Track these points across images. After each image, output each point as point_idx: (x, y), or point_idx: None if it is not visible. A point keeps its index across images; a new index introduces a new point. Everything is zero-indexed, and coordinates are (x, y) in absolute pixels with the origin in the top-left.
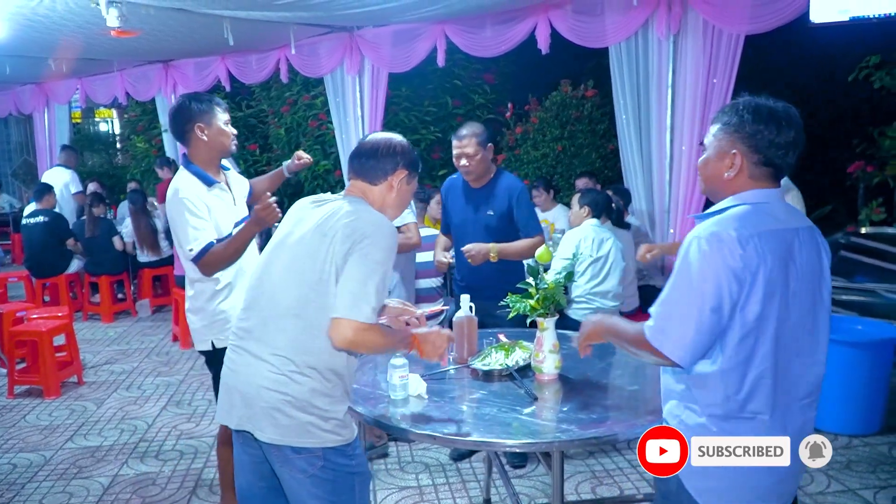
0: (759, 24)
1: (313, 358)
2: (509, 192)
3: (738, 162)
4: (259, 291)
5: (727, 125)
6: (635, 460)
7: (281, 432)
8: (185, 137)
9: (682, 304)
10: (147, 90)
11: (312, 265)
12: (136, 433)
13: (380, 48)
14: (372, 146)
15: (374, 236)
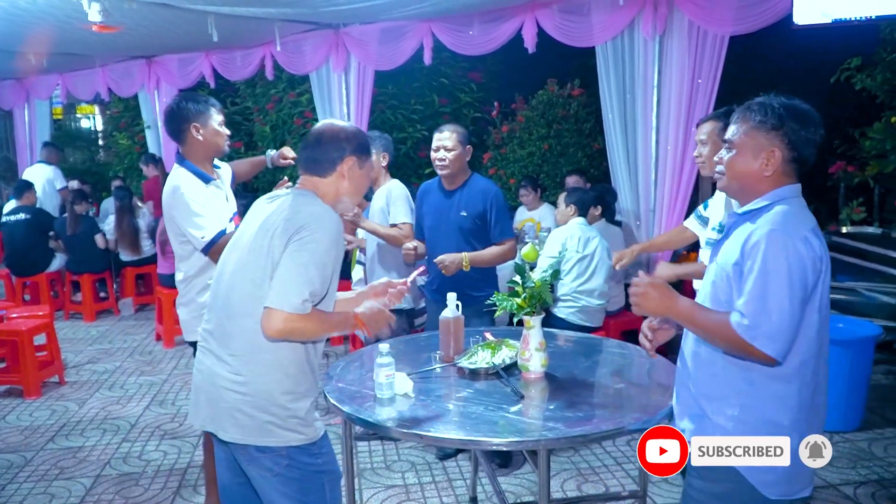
0: (744, 26)
1: (270, 355)
2: (484, 194)
3: (777, 159)
4: (216, 292)
5: (763, 124)
6: (621, 457)
7: (243, 432)
8: (180, 137)
9: (774, 298)
10: (130, 86)
11: (257, 262)
12: (119, 433)
13: (366, 46)
14: (316, 137)
15: (310, 227)
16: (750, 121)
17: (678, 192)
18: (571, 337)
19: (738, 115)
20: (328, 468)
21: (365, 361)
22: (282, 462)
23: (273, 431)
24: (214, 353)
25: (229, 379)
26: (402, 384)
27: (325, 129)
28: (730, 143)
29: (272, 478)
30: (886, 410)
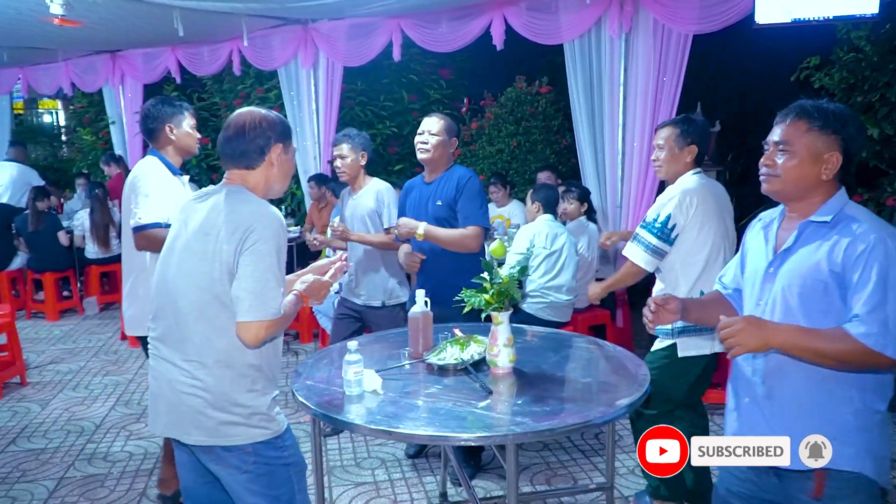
0: (707, 25)
1: (224, 356)
2: (458, 180)
3: (835, 164)
4: (161, 300)
5: (824, 128)
6: (589, 451)
7: (207, 434)
8: (154, 136)
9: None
10: (94, 81)
11: (201, 267)
12: (84, 434)
13: (335, 42)
14: (237, 128)
15: (258, 229)
16: (809, 124)
17: (644, 187)
18: (539, 332)
19: (791, 118)
20: (294, 460)
21: (334, 359)
22: (249, 459)
23: (237, 430)
24: (168, 359)
25: (187, 384)
26: (371, 381)
27: (246, 118)
28: (785, 144)
29: (240, 475)
30: None
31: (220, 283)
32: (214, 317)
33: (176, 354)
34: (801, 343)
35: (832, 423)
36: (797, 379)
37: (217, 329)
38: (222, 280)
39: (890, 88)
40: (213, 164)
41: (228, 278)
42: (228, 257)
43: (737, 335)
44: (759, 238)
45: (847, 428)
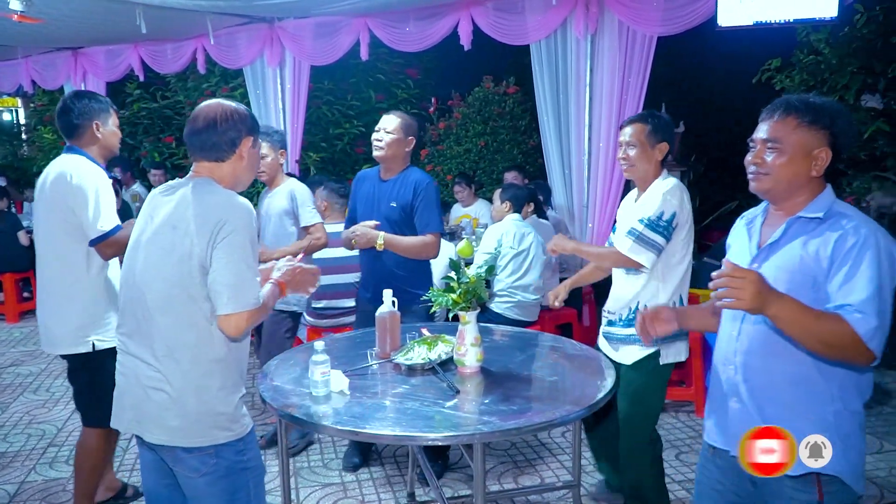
0: (671, 27)
1: (190, 352)
2: (416, 185)
3: (825, 160)
4: (127, 295)
5: (814, 123)
6: (556, 449)
7: (169, 434)
8: (79, 133)
9: (886, 299)
10: (55, 78)
11: (170, 260)
12: (45, 438)
13: (301, 40)
14: (208, 120)
15: (230, 220)
16: (798, 120)
17: (610, 187)
18: (507, 331)
19: (779, 114)
20: (253, 464)
21: (300, 360)
22: (209, 461)
23: (200, 431)
24: (135, 355)
25: (154, 379)
26: (338, 381)
27: (216, 110)
28: (774, 142)
29: (199, 478)
30: None
31: (190, 276)
32: (182, 311)
33: (143, 349)
34: (797, 315)
35: (814, 423)
36: (779, 375)
37: (184, 324)
38: (192, 274)
39: (848, 91)
40: (177, 164)
41: (200, 272)
42: (201, 251)
43: (743, 288)
44: (742, 235)
45: (827, 428)
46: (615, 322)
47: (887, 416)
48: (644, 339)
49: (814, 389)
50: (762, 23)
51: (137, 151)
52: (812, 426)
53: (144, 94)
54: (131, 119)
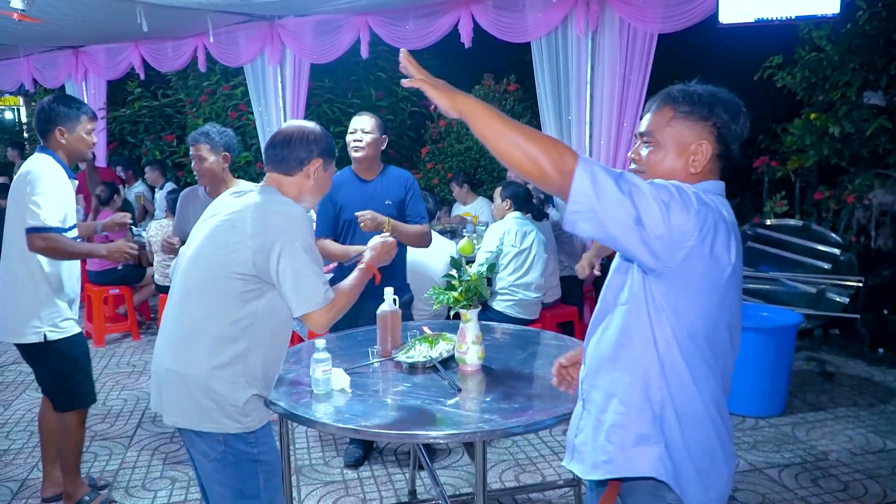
0: (671, 24)
1: (210, 342)
2: (404, 182)
3: (705, 154)
4: (175, 281)
5: (689, 114)
6: (557, 447)
7: (181, 415)
8: (45, 136)
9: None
10: (56, 77)
11: (218, 252)
12: None
13: (301, 38)
14: (285, 136)
15: (288, 230)
16: (674, 109)
17: None
18: (508, 329)
19: (656, 104)
20: (265, 458)
21: (302, 357)
22: (218, 448)
23: (211, 417)
24: (165, 337)
25: (171, 361)
26: (339, 379)
27: (295, 129)
28: (649, 136)
29: (207, 463)
30: (808, 395)
31: (231, 272)
32: (213, 302)
33: (170, 334)
34: (489, 109)
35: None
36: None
37: (212, 314)
38: (234, 271)
39: (850, 87)
40: (178, 162)
41: (241, 271)
42: (251, 253)
43: (429, 82)
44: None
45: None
46: None
47: (890, 415)
48: (570, 390)
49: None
50: (763, 19)
51: (138, 150)
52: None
53: (145, 92)
54: (132, 117)
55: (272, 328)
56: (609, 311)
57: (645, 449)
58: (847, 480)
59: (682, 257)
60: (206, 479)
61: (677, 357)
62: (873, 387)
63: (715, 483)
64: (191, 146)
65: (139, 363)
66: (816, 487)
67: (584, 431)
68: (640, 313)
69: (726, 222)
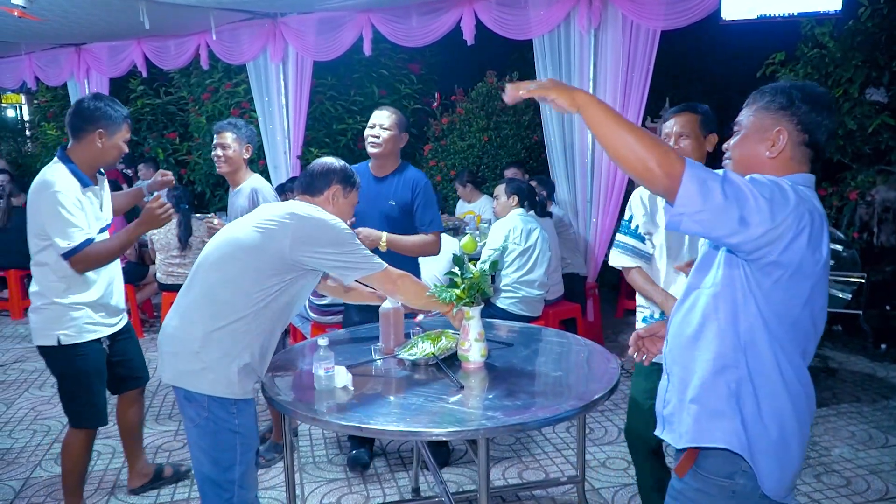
0: (674, 21)
1: (216, 307)
2: (414, 184)
3: (784, 141)
4: (203, 252)
5: (770, 104)
6: (560, 444)
7: (174, 373)
8: (78, 136)
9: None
10: (58, 75)
11: (255, 242)
12: (50, 434)
13: (304, 36)
14: (311, 169)
15: (323, 225)
16: (759, 101)
17: (614, 182)
18: (511, 327)
19: (749, 100)
20: (244, 431)
21: (305, 355)
22: (202, 413)
23: (200, 376)
24: (175, 303)
25: (174, 325)
26: (342, 377)
27: (321, 162)
28: (738, 124)
29: (193, 428)
30: None
31: (260, 258)
32: (231, 273)
33: (182, 299)
34: (605, 107)
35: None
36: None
37: (227, 283)
38: (263, 250)
39: (852, 84)
40: (181, 160)
41: (271, 261)
42: (287, 241)
43: (549, 86)
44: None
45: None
46: None
47: (892, 411)
48: (645, 361)
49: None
50: (766, 16)
51: (141, 147)
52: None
53: (148, 90)
54: (134, 115)
55: (278, 308)
56: (695, 291)
57: (720, 423)
58: (850, 476)
59: (781, 249)
60: (191, 443)
61: (761, 338)
62: (876, 383)
63: (790, 461)
64: (216, 134)
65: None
66: (819, 483)
67: (670, 403)
68: (727, 297)
69: (821, 215)
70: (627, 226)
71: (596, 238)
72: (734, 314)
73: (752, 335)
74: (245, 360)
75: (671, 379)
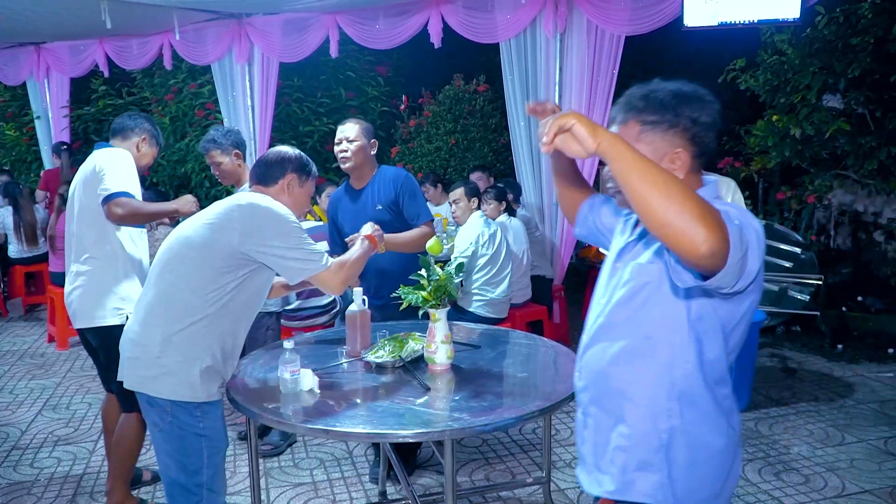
0: (638, 27)
1: (173, 308)
2: (394, 182)
3: (685, 161)
4: (158, 253)
5: (657, 125)
6: (526, 445)
7: (135, 379)
8: (128, 138)
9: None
10: (17, 74)
11: (204, 237)
12: (9, 441)
13: (270, 37)
14: (265, 157)
15: (272, 217)
16: (640, 123)
17: None
18: (477, 329)
19: (620, 116)
20: (210, 434)
21: (270, 358)
22: (165, 418)
23: (161, 381)
24: (135, 308)
25: (134, 330)
26: (308, 380)
27: (275, 150)
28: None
29: (158, 432)
30: (771, 391)
31: (213, 248)
32: (185, 273)
33: (141, 305)
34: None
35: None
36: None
37: (182, 284)
38: (215, 246)
39: (810, 90)
40: None
41: (223, 249)
42: (235, 235)
43: (572, 118)
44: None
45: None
46: None
47: (849, 410)
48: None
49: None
50: (727, 23)
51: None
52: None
53: (110, 90)
54: (97, 116)
55: (237, 307)
56: (618, 334)
57: (646, 475)
58: (808, 474)
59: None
60: (156, 448)
61: (697, 382)
62: (833, 382)
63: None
64: (204, 155)
65: None
66: (779, 481)
67: (587, 443)
68: (663, 339)
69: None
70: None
71: (562, 241)
72: (671, 358)
73: (689, 380)
74: (206, 362)
75: (587, 420)
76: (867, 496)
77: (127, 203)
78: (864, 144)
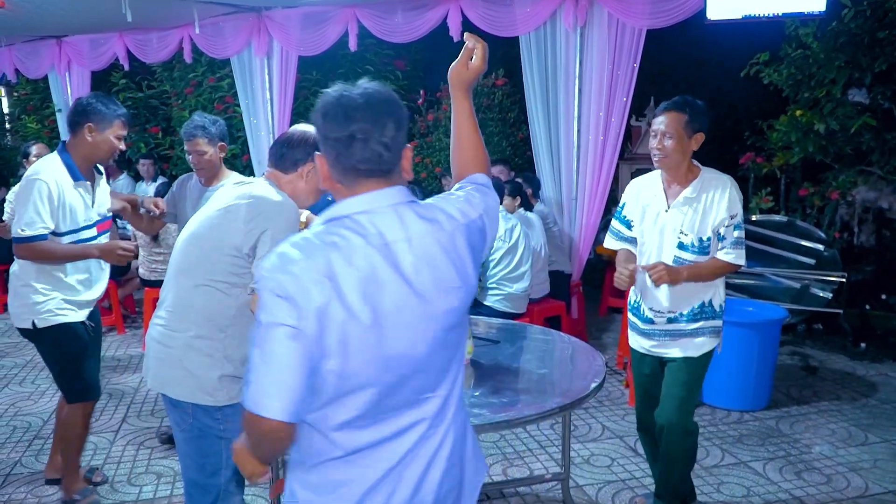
0: (659, 20)
1: (193, 313)
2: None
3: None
4: (173, 255)
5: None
6: (545, 441)
7: (159, 381)
8: (73, 130)
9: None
10: (38, 67)
11: (211, 233)
12: (31, 430)
13: (289, 30)
14: (287, 136)
15: (277, 219)
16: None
17: (599, 180)
18: (496, 324)
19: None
20: (231, 436)
21: None
22: (187, 420)
23: (183, 384)
24: (156, 314)
25: (158, 332)
26: None
27: (298, 130)
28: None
29: (179, 433)
30: (791, 389)
31: (221, 251)
32: (199, 276)
33: (161, 308)
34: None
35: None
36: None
37: (198, 288)
38: (224, 250)
39: (835, 85)
40: (163, 154)
41: (231, 252)
42: (241, 235)
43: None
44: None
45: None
46: (678, 318)
47: (872, 409)
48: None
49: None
50: (751, 16)
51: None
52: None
53: (130, 83)
54: None
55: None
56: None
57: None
58: (830, 473)
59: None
60: (178, 447)
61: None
62: (855, 381)
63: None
64: (186, 141)
65: (124, 357)
66: (800, 480)
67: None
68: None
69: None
70: (619, 212)
71: (580, 236)
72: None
73: None
74: (227, 370)
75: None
76: (891, 497)
77: (36, 248)
78: (889, 140)
